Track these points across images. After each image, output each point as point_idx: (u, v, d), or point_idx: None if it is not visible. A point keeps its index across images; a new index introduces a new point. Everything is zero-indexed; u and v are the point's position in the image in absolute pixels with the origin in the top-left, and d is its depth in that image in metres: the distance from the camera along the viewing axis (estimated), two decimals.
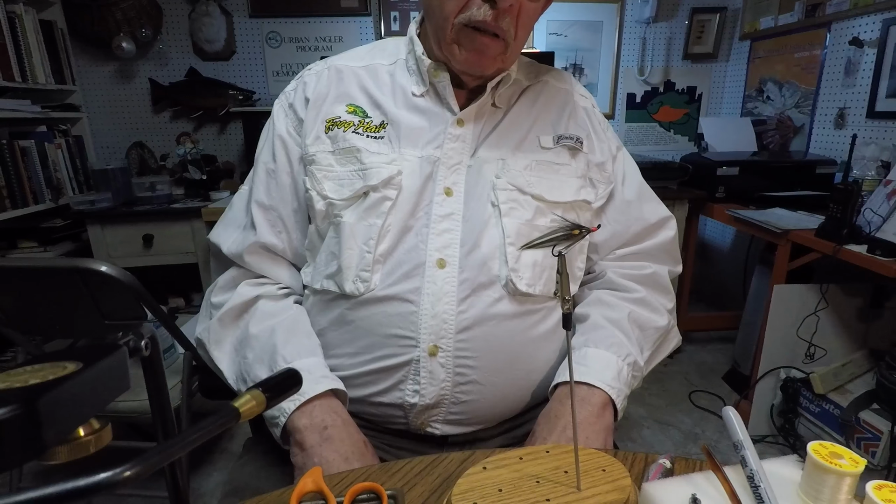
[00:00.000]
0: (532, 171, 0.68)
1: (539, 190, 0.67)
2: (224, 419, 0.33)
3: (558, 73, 0.78)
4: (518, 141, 0.70)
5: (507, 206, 0.65)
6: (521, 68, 0.74)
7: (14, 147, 1.84)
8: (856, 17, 1.85)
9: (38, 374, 0.26)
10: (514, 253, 0.65)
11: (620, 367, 0.65)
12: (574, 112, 0.74)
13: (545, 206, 0.67)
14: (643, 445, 1.73)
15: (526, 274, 0.65)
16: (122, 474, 0.24)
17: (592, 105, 0.77)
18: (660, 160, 2.09)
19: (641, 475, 0.53)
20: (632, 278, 0.73)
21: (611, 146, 0.76)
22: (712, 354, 2.33)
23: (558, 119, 0.73)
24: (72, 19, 2.16)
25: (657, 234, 0.77)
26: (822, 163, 1.90)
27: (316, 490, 0.50)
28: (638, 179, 0.78)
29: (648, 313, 0.71)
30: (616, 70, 2.55)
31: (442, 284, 0.63)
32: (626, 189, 0.76)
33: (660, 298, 0.74)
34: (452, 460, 0.57)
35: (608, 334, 0.67)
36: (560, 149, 0.70)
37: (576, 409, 0.56)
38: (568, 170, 0.70)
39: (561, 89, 0.75)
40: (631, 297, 0.72)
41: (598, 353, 0.66)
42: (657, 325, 0.71)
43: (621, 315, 0.69)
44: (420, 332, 0.63)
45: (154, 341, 0.35)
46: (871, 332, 1.69)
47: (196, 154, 2.19)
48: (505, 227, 0.65)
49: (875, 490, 0.38)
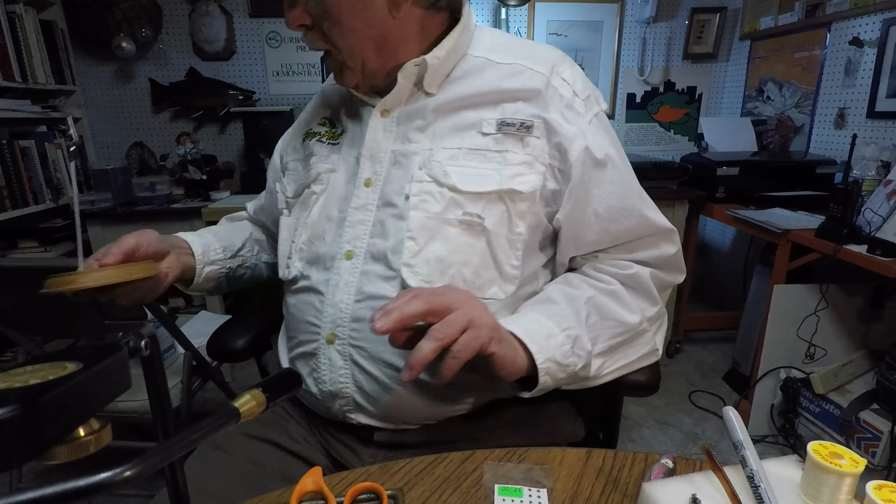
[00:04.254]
0: (457, 160, 0.63)
1: (455, 180, 0.62)
2: (224, 419, 0.33)
3: (545, 56, 0.67)
4: (453, 127, 0.65)
5: (418, 198, 0.63)
6: (501, 46, 0.68)
7: (14, 147, 1.84)
8: (856, 17, 1.85)
9: (38, 374, 0.26)
10: (412, 247, 0.62)
11: (554, 333, 0.58)
12: (539, 96, 0.64)
13: (461, 198, 0.62)
14: (643, 445, 1.73)
15: (423, 269, 0.61)
16: (122, 474, 0.24)
17: (575, 93, 0.66)
18: (660, 160, 2.09)
19: (642, 475, 0.53)
20: (608, 273, 0.67)
21: (589, 140, 0.64)
22: (712, 354, 2.33)
23: (511, 102, 0.65)
24: (72, 19, 2.16)
25: (654, 246, 0.69)
26: (822, 163, 1.90)
27: (316, 490, 0.50)
28: (628, 188, 0.67)
29: (614, 304, 0.64)
30: (616, 70, 2.55)
31: (346, 275, 0.65)
32: (611, 198, 0.66)
33: (637, 300, 0.66)
34: (452, 460, 0.57)
35: (556, 308, 0.61)
36: (502, 135, 0.64)
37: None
38: (512, 157, 0.63)
39: (534, 73, 0.65)
40: (600, 286, 0.65)
41: (535, 315, 0.60)
42: (622, 318, 0.64)
43: (580, 294, 0.63)
44: (323, 320, 0.65)
45: (154, 341, 0.35)
46: (871, 332, 1.69)
47: (196, 154, 2.19)
48: (410, 220, 0.62)
49: (875, 490, 0.38)
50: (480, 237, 0.62)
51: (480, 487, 0.52)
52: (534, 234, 0.65)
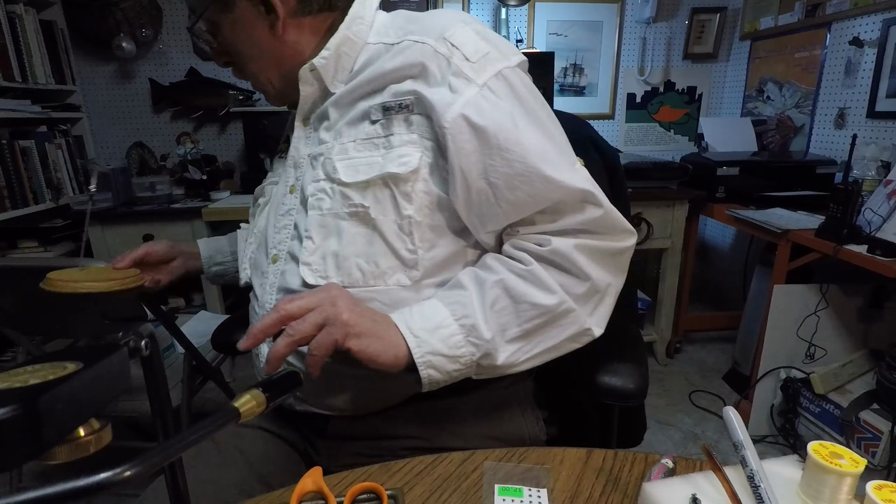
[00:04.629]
0: (348, 152, 0.63)
1: (341, 174, 0.62)
2: (224, 419, 0.33)
3: (435, 23, 0.63)
4: (350, 120, 0.65)
5: (315, 197, 0.64)
6: (396, 27, 0.65)
7: (14, 147, 1.84)
8: (856, 17, 1.85)
9: (38, 374, 0.26)
10: (310, 246, 0.63)
11: (445, 324, 0.57)
12: (424, 70, 0.60)
13: (348, 191, 0.62)
14: (643, 445, 1.72)
15: (320, 266, 0.63)
16: (122, 474, 0.24)
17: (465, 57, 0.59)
18: (660, 160, 2.09)
19: (642, 475, 0.53)
20: (526, 250, 0.61)
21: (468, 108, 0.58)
22: (712, 354, 2.33)
23: (398, 83, 0.62)
24: (72, 19, 2.16)
25: (567, 215, 0.60)
26: (822, 163, 1.90)
27: (316, 490, 0.50)
28: (525, 151, 0.58)
29: (528, 286, 0.59)
30: (616, 70, 2.55)
31: (271, 277, 0.68)
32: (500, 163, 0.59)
33: (559, 278, 0.60)
34: (453, 460, 0.57)
35: (460, 293, 0.59)
36: (387, 120, 0.62)
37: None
38: (397, 139, 0.61)
39: (417, 45, 0.61)
40: (515, 266, 0.60)
41: (434, 304, 0.59)
42: (535, 300, 0.58)
43: (491, 278, 0.59)
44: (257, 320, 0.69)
45: (154, 341, 0.35)
46: (871, 332, 1.69)
47: (196, 154, 2.19)
48: (308, 220, 0.64)
49: (875, 490, 0.38)
50: (369, 226, 0.62)
51: (480, 487, 0.52)
52: (434, 215, 0.62)
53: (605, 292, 0.62)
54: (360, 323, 0.54)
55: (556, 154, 0.60)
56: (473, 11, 2.40)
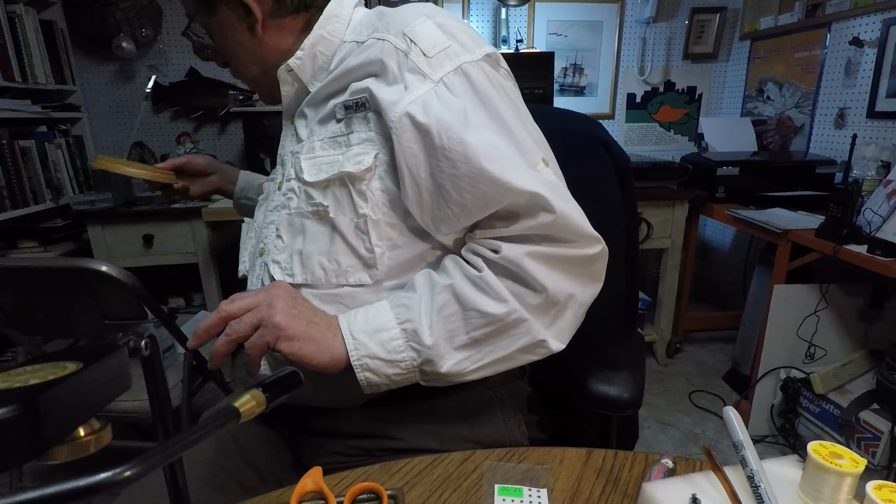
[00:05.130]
0: (314, 151, 0.64)
1: (307, 174, 0.63)
2: (224, 419, 0.33)
3: (398, 19, 0.61)
4: (320, 118, 0.65)
5: (285, 196, 0.66)
6: (366, 24, 0.65)
7: (14, 147, 1.84)
8: (856, 17, 1.85)
9: (38, 374, 0.26)
10: (279, 244, 0.66)
11: (387, 327, 0.57)
12: (383, 67, 0.59)
13: (311, 190, 0.63)
14: (643, 445, 1.73)
15: (286, 264, 0.64)
16: (122, 474, 0.24)
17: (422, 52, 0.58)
18: (660, 160, 2.09)
19: (642, 475, 0.53)
20: (480, 255, 0.59)
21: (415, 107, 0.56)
22: (712, 354, 2.33)
23: (359, 80, 0.61)
24: (72, 19, 2.16)
25: (521, 219, 0.57)
26: (822, 163, 1.90)
27: (316, 490, 0.50)
28: (471, 150, 0.55)
29: (476, 293, 0.57)
30: (616, 70, 2.55)
31: (258, 270, 0.70)
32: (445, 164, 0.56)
33: (511, 286, 0.57)
34: (453, 460, 0.57)
35: (409, 297, 0.59)
36: (348, 118, 0.62)
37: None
38: (356, 137, 0.61)
39: (377, 41, 0.60)
40: (467, 270, 0.58)
41: (382, 305, 0.59)
42: (484, 308, 0.56)
43: (442, 283, 0.58)
44: None
45: (154, 341, 0.35)
46: (871, 332, 1.69)
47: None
48: (279, 219, 0.66)
49: (875, 490, 0.38)
50: (328, 225, 0.62)
51: (480, 487, 0.52)
52: (391, 213, 0.61)
53: (566, 304, 0.58)
54: (293, 325, 0.55)
55: (509, 154, 0.57)
56: (473, 11, 2.40)
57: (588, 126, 0.86)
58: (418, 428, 0.68)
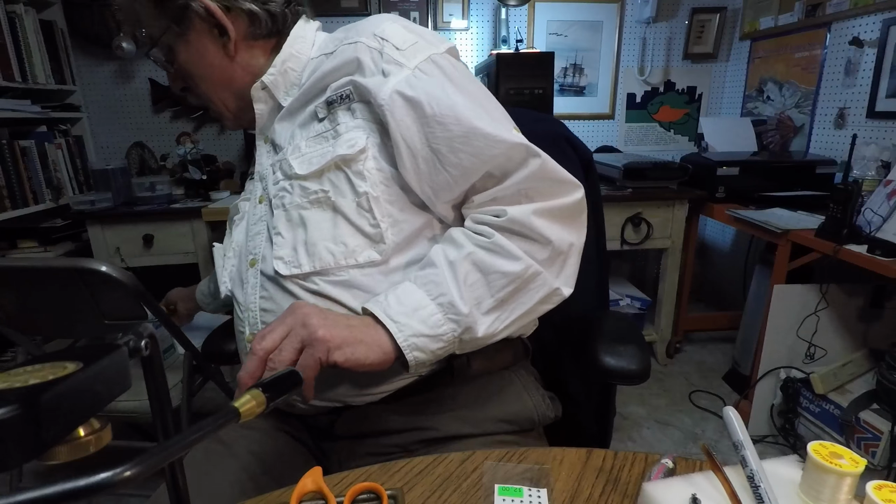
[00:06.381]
0: (300, 150, 0.67)
1: (297, 169, 0.66)
2: (224, 419, 0.33)
3: (365, 26, 0.67)
4: (300, 123, 0.69)
5: (277, 197, 0.68)
6: (331, 39, 0.71)
7: (14, 147, 1.84)
8: (856, 17, 1.85)
9: (38, 374, 0.26)
10: (280, 241, 0.66)
11: (423, 304, 0.58)
12: (359, 64, 0.64)
13: (305, 182, 0.66)
14: (643, 445, 1.73)
15: (291, 257, 0.65)
16: (122, 474, 0.24)
17: (395, 47, 0.64)
18: (660, 160, 2.09)
19: (642, 475, 0.53)
20: (486, 223, 0.63)
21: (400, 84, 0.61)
22: (712, 354, 2.33)
23: (337, 80, 0.66)
24: (72, 19, 2.16)
25: (513, 173, 0.62)
26: (822, 163, 1.90)
27: (316, 490, 0.50)
28: (461, 114, 0.61)
29: (494, 258, 0.61)
30: (616, 70, 2.55)
31: (252, 280, 0.70)
32: (438, 129, 0.61)
33: (522, 244, 0.61)
34: (452, 460, 0.57)
35: (433, 273, 0.60)
36: (332, 114, 0.66)
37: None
38: (343, 127, 0.65)
39: (350, 45, 0.65)
40: (479, 239, 0.62)
41: (408, 287, 0.60)
42: (504, 269, 0.60)
43: (460, 255, 0.61)
44: (244, 326, 0.71)
45: (154, 341, 0.35)
46: (871, 332, 1.69)
47: (196, 154, 2.19)
48: (275, 218, 0.68)
49: (875, 490, 0.38)
50: (330, 209, 0.65)
51: (480, 487, 0.52)
52: (388, 190, 0.64)
53: (568, 252, 0.64)
54: (337, 334, 0.55)
55: (490, 117, 0.63)
56: (473, 11, 2.40)
57: (553, 125, 0.94)
58: (451, 415, 0.69)
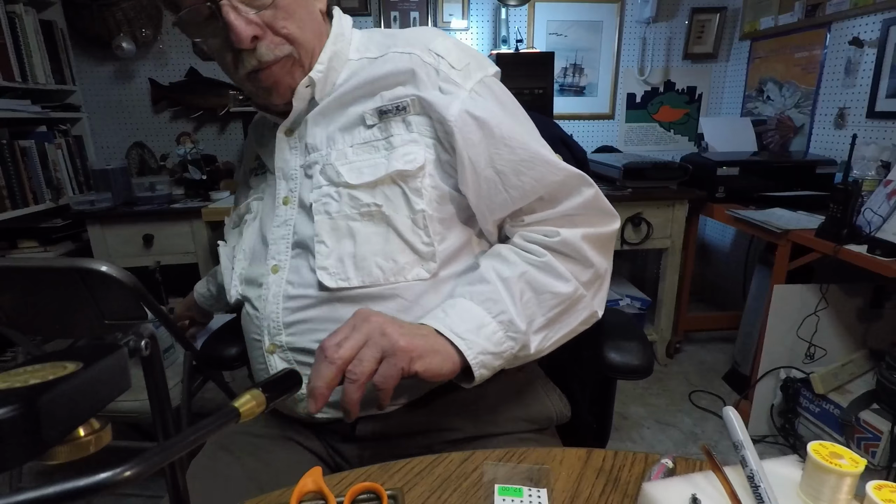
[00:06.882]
0: (347, 157, 0.66)
1: (346, 177, 0.64)
2: (224, 419, 0.33)
3: (416, 37, 0.67)
4: (342, 127, 0.67)
5: (319, 203, 0.66)
6: (375, 43, 0.69)
7: (14, 147, 1.84)
8: (856, 17, 1.85)
9: (38, 374, 0.26)
10: (323, 250, 0.64)
11: (485, 322, 0.58)
12: (414, 76, 0.64)
13: (356, 192, 0.64)
14: (643, 445, 1.73)
15: (338, 269, 0.64)
16: (122, 474, 0.24)
17: (450, 66, 0.64)
18: (660, 160, 2.09)
19: (642, 475, 0.53)
20: (537, 242, 0.65)
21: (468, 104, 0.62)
22: (712, 354, 2.33)
23: (389, 89, 0.65)
24: (72, 19, 2.16)
25: (565, 199, 0.65)
26: (822, 163, 1.90)
27: (316, 490, 0.50)
28: (525, 139, 0.64)
29: (547, 277, 0.63)
30: (616, 70, 2.55)
31: (273, 287, 0.68)
32: (504, 151, 0.63)
33: (569, 266, 0.64)
34: (453, 460, 0.57)
35: (488, 290, 0.61)
36: (384, 123, 0.65)
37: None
38: (398, 139, 0.64)
39: (403, 55, 0.65)
40: (532, 258, 0.64)
41: (465, 304, 0.60)
42: (556, 290, 0.62)
43: (513, 273, 0.62)
44: (262, 334, 0.69)
45: (154, 341, 0.35)
46: (871, 332, 1.69)
47: (196, 154, 2.19)
48: (316, 225, 0.65)
49: (875, 490, 0.38)
50: (383, 224, 0.64)
51: (480, 487, 0.52)
52: (442, 208, 0.65)
53: (605, 277, 0.68)
54: (416, 344, 0.54)
55: (547, 145, 0.67)
56: (473, 11, 2.40)
57: (546, 124, 0.95)
58: (474, 416, 0.69)
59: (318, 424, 0.71)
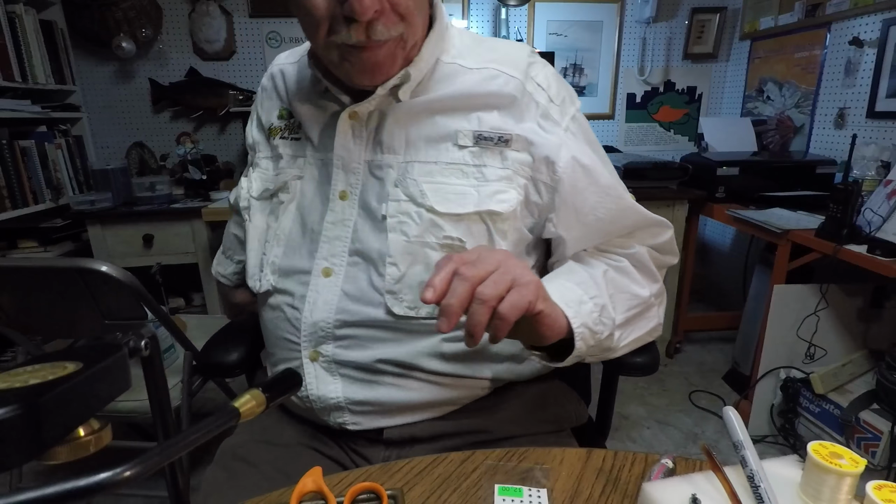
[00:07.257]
0: (433, 175, 0.61)
1: (432, 201, 0.60)
2: (224, 419, 0.33)
3: (515, 57, 0.64)
4: (428, 137, 0.62)
5: (396, 219, 0.60)
6: (468, 50, 0.65)
7: (14, 147, 1.84)
8: (856, 17, 1.85)
9: (38, 374, 0.26)
10: (394, 273, 0.60)
11: (584, 300, 0.57)
12: (514, 103, 0.62)
13: (440, 220, 0.60)
14: (643, 445, 1.73)
15: (407, 296, 0.60)
16: (122, 474, 0.24)
17: (550, 99, 0.63)
18: (660, 160, 2.09)
19: (642, 475, 0.53)
20: (614, 252, 0.69)
21: (573, 149, 0.63)
22: (712, 354, 2.33)
23: (486, 111, 0.62)
24: (72, 19, 2.16)
25: (654, 236, 0.71)
26: (822, 163, 1.90)
27: (316, 490, 0.50)
28: (619, 190, 0.67)
29: (625, 279, 0.65)
30: (616, 70, 2.55)
31: (325, 293, 0.63)
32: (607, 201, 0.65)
33: (642, 276, 0.67)
34: (452, 460, 0.57)
35: (580, 277, 0.61)
36: (479, 149, 0.61)
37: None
38: (491, 172, 0.61)
39: (508, 78, 0.62)
40: (611, 262, 0.66)
41: (564, 283, 0.59)
42: (634, 291, 0.64)
43: (597, 271, 0.63)
44: (301, 337, 0.64)
45: (154, 341, 0.35)
46: (871, 332, 1.69)
47: (196, 154, 2.19)
48: (390, 245, 0.60)
49: (875, 490, 0.38)
50: None
51: (480, 487, 0.52)
52: (517, 250, 0.66)
53: (664, 297, 0.71)
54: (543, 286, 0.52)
55: (619, 179, 0.69)
56: (473, 11, 2.40)
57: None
58: (502, 417, 0.69)
59: (347, 433, 0.67)
